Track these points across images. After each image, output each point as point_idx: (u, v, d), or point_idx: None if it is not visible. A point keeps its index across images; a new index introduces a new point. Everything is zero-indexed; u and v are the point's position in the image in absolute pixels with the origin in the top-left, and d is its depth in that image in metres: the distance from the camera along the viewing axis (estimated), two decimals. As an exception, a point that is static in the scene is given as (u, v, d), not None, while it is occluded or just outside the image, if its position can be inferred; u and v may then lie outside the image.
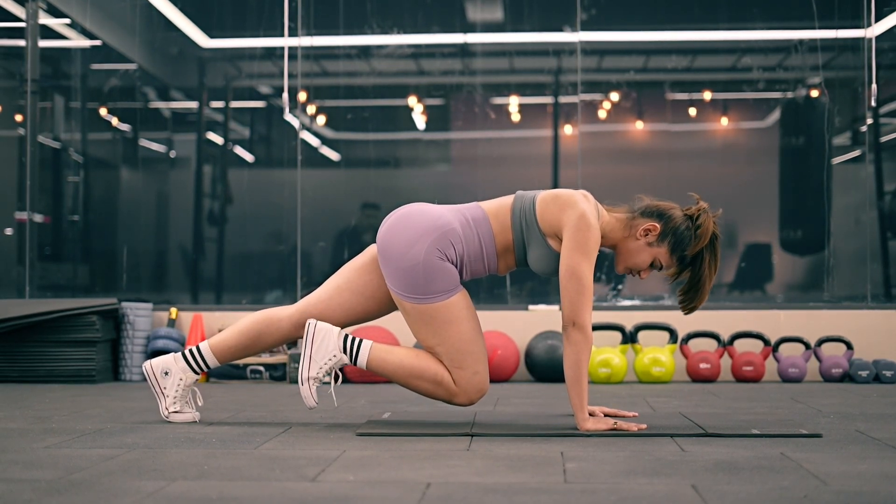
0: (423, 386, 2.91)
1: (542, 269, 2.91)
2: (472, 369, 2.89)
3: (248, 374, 4.84)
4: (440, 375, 2.89)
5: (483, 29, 5.67)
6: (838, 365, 4.80)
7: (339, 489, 1.98)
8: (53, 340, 4.71)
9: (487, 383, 2.93)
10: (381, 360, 2.90)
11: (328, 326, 2.91)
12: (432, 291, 2.84)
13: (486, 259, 2.92)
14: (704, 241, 2.85)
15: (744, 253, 5.57)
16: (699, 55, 5.83)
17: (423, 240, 2.83)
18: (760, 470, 2.19)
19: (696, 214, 2.87)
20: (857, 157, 5.54)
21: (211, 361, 3.04)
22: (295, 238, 5.48)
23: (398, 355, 2.91)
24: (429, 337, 2.89)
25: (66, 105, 5.80)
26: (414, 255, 2.83)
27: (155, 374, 3.02)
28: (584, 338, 2.76)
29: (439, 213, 2.90)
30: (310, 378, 2.89)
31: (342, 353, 2.89)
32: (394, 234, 2.88)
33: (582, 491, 1.96)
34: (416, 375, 2.90)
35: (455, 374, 2.89)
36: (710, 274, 2.87)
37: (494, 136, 5.65)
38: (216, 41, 5.83)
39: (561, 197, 2.85)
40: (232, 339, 3.04)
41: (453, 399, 2.92)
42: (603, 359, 4.73)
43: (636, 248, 2.90)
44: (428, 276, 2.82)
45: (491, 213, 2.92)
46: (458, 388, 2.90)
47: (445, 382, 2.90)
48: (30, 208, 5.55)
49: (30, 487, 1.99)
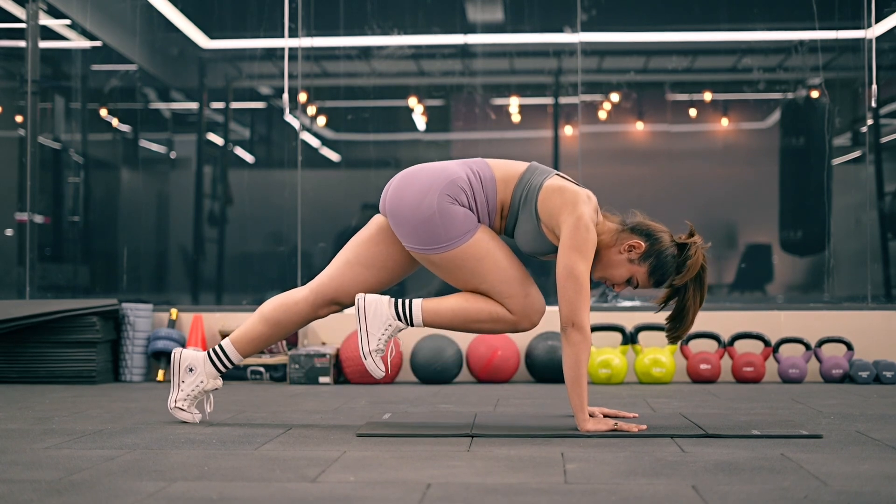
0: (484, 326, 2.92)
1: (525, 245, 2.92)
2: (523, 293, 2.88)
3: (248, 374, 4.85)
4: (496, 312, 2.89)
5: (483, 30, 5.67)
6: (839, 366, 4.80)
7: (339, 490, 1.98)
8: (54, 341, 4.71)
9: (543, 301, 2.93)
10: (434, 314, 2.90)
11: (377, 297, 2.92)
12: (454, 236, 2.83)
13: (488, 214, 2.92)
14: (691, 273, 2.84)
15: (744, 253, 5.57)
16: (699, 56, 5.83)
17: (432, 189, 2.83)
18: (761, 471, 2.19)
19: (687, 245, 2.86)
20: (857, 157, 5.54)
21: (235, 357, 3.04)
22: (295, 239, 5.48)
23: (450, 304, 2.91)
24: (468, 280, 2.88)
25: (66, 106, 5.80)
26: (427, 206, 2.82)
27: (181, 365, 3.02)
28: (583, 338, 2.76)
29: (444, 165, 2.91)
30: (372, 352, 2.90)
31: (396, 319, 2.90)
32: (402, 193, 2.87)
33: (582, 492, 1.96)
34: (472, 319, 2.90)
35: (508, 304, 2.88)
36: (695, 305, 2.87)
37: (495, 137, 5.65)
38: (216, 42, 5.84)
39: (566, 192, 2.84)
40: (254, 329, 3.03)
41: (517, 327, 2.92)
42: (603, 359, 4.73)
43: (617, 261, 2.90)
44: (446, 222, 2.82)
45: (498, 173, 2.92)
46: (517, 315, 2.89)
47: (502, 316, 2.89)
48: (30, 209, 5.55)
49: (30, 488, 1.99)
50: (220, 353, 3.03)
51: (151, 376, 4.99)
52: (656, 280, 2.90)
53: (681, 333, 2.90)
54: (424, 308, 2.90)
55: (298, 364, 4.75)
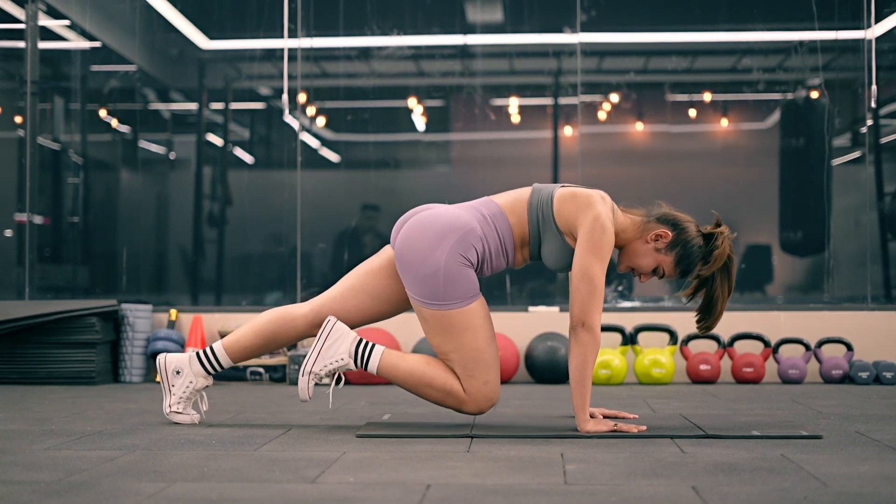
0: (433, 394, 2.91)
1: (554, 263, 2.91)
2: (483, 378, 2.87)
3: (247, 375, 4.84)
4: (450, 384, 2.88)
5: (483, 30, 5.67)
6: (838, 366, 4.80)
7: (339, 491, 1.98)
8: (53, 342, 4.70)
9: (498, 392, 2.92)
10: (392, 367, 2.90)
11: (345, 329, 2.91)
12: (452, 298, 2.82)
13: (506, 254, 2.92)
14: (718, 263, 2.85)
15: (744, 254, 5.57)
16: (699, 56, 5.83)
17: (443, 244, 2.82)
18: (761, 471, 2.19)
19: (714, 236, 2.87)
20: (857, 158, 5.54)
21: (225, 362, 3.03)
22: (295, 239, 5.48)
23: (409, 364, 2.90)
24: (444, 343, 2.87)
25: (65, 106, 5.80)
26: (434, 261, 2.81)
27: (167, 370, 3.01)
28: (592, 339, 2.76)
29: (456, 215, 2.88)
30: (311, 372, 2.89)
31: (351, 359, 2.89)
32: (412, 241, 2.85)
33: (582, 492, 1.96)
34: (425, 384, 2.89)
35: (466, 383, 2.87)
36: (723, 295, 2.89)
37: (494, 138, 5.65)
38: (216, 42, 5.83)
39: (579, 196, 2.84)
40: (247, 339, 3.03)
41: (462, 407, 2.91)
42: (603, 360, 4.73)
43: (643, 251, 2.90)
44: (448, 282, 2.81)
45: (506, 207, 2.91)
46: (468, 396, 2.88)
47: (455, 391, 2.88)
48: (29, 210, 5.55)
49: (29, 489, 1.99)
50: (211, 355, 3.02)
51: (151, 377, 4.99)
52: (682, 269, 2.90)
53: (711, 324, 2.91)
54: (384, 359, 2.90)
55: (298, 365, 4.75)
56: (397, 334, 4.98)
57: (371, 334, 4.77)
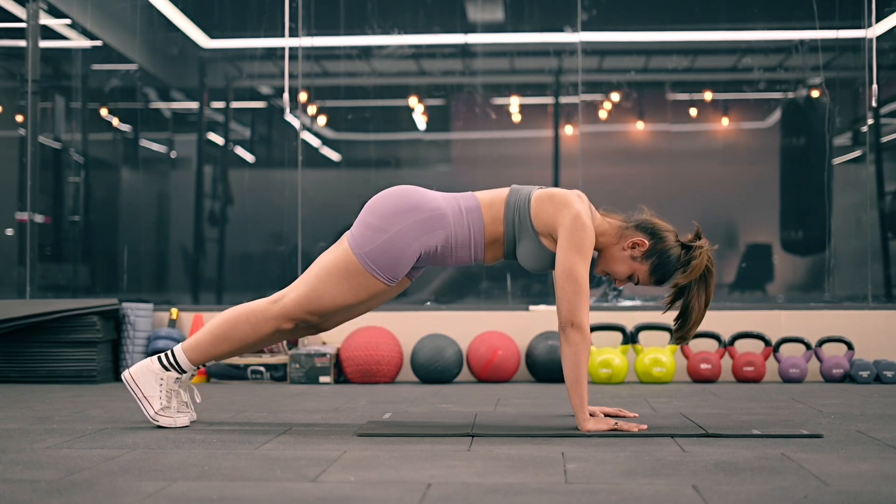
0: (241, 328, 2.89)
1: (530, 264, 2.90)
2: (307, 309, 2.87)
3: (248, 374, 4.85)
4: (249, 306, 2.90)
5: (484, 29, 5.66)
6: (839, 365, 4.80)
7: (339, 489, 1.98)
8: (54, 341, 4.71)
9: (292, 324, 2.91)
10: (195, 346, 2.90)
11: (139, 364, 2.91)
12: (376, 263, 2.82)
13: (473, 248, 2.90)
14: (695, 274, 2.83)
15: (744, 253, 5.57)
16: (700, 55, 5.83)
17: (408, 216, 2.83)
18: (761, 470, 2.19)
19: (692, 247, 2.86)
20: (857, 157, 5.54)
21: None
22: (296, 238, 5.48)
23: (203, 330, 2.92)
24: (319, 275, 2.87)
25: (66, 105, 5.80)
26: (391, 224, 2.82)
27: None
28: (582, 338, 2.76)
29: (433, 197, 2.90)
30: (158, 413, 2.89)
31: (165, 371, 2.89)
32: (385, 199, 2.87)
33: (583, 491, 1.96)
34: (229, 325, 2.89)
35: (291, 294, 2.89)
36: (699, 306, 2.85)
37: (495, 137, 5.65)
38: (217, 41, 5.83)
39: (556, 196, 2.84)
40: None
41: (267, 313, 2.89)
42: (604, 359, 4.73)
43: (620, 258, 2.89)
44: (387, 249, 2.81)
45: (485, 203, 2.91)
46: (279, 304, 2.90)
47: (255, 307, 2.90)
48: (30, 209, 5.55)
49: (30, 488, 1.99)
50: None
51: (152, 376, 4.99)
52: (657, 279, 2.89)
53: (685, 334, 2.89)
54: (186, 347, 2.90)
55: (299, 364, 4.75)
56: (397, 334, 4.98)
57: (368, 333, 4.77)
